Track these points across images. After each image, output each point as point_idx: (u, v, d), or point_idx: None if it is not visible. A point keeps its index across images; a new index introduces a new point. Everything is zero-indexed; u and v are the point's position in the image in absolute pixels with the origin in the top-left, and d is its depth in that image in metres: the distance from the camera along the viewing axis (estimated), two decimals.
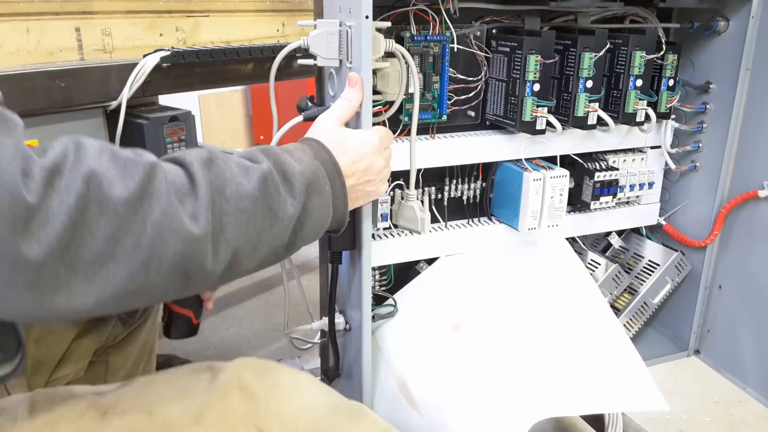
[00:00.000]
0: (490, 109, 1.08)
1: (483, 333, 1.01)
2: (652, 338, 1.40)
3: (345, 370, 1.07)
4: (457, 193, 1.12)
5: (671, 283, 1.28)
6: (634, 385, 0.99)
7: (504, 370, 0.97)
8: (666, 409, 0.97)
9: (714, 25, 1.15)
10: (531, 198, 1.06)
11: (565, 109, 1.07)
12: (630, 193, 1.21)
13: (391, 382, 0.99)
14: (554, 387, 0.95)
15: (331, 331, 1.01)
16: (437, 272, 1.10)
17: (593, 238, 1.38)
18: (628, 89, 1.07)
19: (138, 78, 1.18)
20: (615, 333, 1.05)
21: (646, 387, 0.97)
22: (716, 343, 1.32)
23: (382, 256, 1.06)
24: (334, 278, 0.97)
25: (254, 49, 1.36)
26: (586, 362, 1.00)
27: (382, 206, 0.99)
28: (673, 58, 1.12)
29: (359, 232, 0.91)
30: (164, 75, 1.22)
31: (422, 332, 1.03)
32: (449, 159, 1.06)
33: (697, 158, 1.25)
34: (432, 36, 0.99)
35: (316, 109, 0.90)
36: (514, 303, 1.06)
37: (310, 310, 1.09)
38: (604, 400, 0.96)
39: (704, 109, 1.21)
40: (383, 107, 0.95)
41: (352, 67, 0.84)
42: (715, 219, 1.23)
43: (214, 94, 4.13)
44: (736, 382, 1.28)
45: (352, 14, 0.82)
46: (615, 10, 1.11)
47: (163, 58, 1.20)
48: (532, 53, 0.98)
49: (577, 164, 1.16)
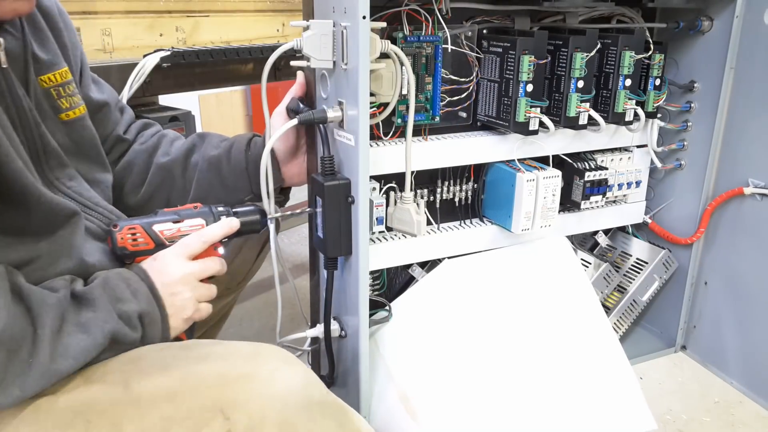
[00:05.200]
0: (482, 110, 1.08)
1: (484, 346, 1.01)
2: (639, 335, 1.41)
3: (340, 377, 1.05)
4: (449, 195, 1.12)
5: (659, 280, 1.30)
6: (625, 407, 1.02)
7: (503, 390, 0.98)
8: (654, 428, 1.00)
9: (698, 25, 1.16)
10: (524, 199, 1.06)
11: (557, 109, 1.07)
12: (618, 192, 1.22)
13: (390, 390, 0.98)
14: (550, 411, 0.97)
15: (327, 338, 1.00)
16: (439, 278, 1.09)
17: (580, 237, 1.39)
18: (617, 89, 1.08)
19: (138, 78, 1.16)
20: (611, 349, 1.07)
21: (637, 406, 1.01)
22: (702, 339, 1.34)
23: (376, 260, 1.04)
24: (329, 285, 0.96)
25: (254, 49, 1.35)
26: (581, 381, 1.02)
27: (377, 210, 0.98)
28: (660, 57, 1.13)
29: (355, 238, 0.89)
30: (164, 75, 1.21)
31: (425, 341, 1.02)
32: (442, 161, 1.05)
33: (682, 156, 1.26)
34: (425, 36, 0.98)
35: (310, 112, 0.89)
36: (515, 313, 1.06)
37: (305, 314, 1.07)
38: (596, 425, 0.99)
39: (689, 107, 1.22)
40: (377, 109, 0.94)
41: (347, 68, 0.83)
42: (700, 216, 1.25)
43: (214, 94, 4.09)
44: (722, 376, 1.30)
45: (348, 14, 0.80)
46: (603, 10, 1.11)
47: (163, 58, 1.19)
48: (526, 53, 0.98)
49: (567, 164, 1.16)
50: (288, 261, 0.98)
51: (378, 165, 0.98)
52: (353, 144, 0.85)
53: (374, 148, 0.98)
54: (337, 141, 0.90)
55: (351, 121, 0.85)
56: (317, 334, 1.00)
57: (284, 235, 2.23)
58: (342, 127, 0.88)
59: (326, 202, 0.88)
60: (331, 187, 0.87)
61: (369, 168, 0.86)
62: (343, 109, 0.86)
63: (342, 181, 0.87)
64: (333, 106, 0.88)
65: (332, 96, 0.89)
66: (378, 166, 0.98)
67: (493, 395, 0.97)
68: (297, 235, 2.51)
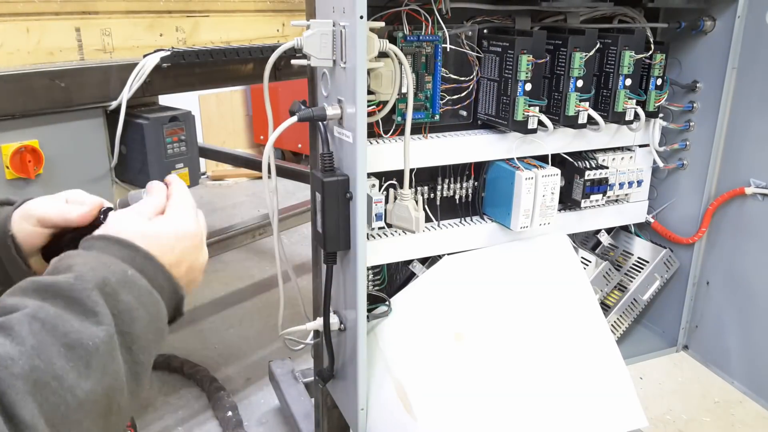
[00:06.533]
0: (482, 109, 1.09)
1: (482, 343, 1.03)
2: (641, 334, 1.42)
3: (339, 370, 1.07)
4: (449, 192, 1.13)
5: (660, 279, 1.30)
6: (617, 403, 1.03)
7: (499, 386, 0.99)
8: (645, 425, 1.01)
9: (701, 25, 1.17)
10: (523, 197, 1.07)
11: (556, 108, 1.09)
12: (619, 191, 1.23)
13: (389, 385, 1.00)
14: (545, 408, 0.98)
15: (326, 332, 1.02)
16: (439, 274, 1.10)
17: (583, 235, 1.39)
18: (617, 88, 1.09)
19: (138, 78, 1.18)
20: (605, 345, 1.08)
21: (629, 403, 1.02)
22: (704, 339, 1.34)
23: (376, 256, 1.06)
24: (328, 278, 0.98)
25: (254, 49, 1.36)
26: (575, 377, 1.03)
27: (376, 206, 1.00)
28: (661, 57, 1.14)
29: (354, 233, 0.91)
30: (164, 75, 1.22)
31: (424, 337, 1.03)
32: (442, 158, 1.07)
33: (684, 156, 1.27)
34: (424, 36, 0.99)
35: (310, 110, 0.91)
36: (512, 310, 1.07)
37: (306, 311, 1.10)
38: (590, 424, 1.00)
39: (691, 107, 1.23)
40: (377, 107, 0.97)
41: (346, 67, 0.85)
42: (702, 216, 1.25)
43: (214, 94, 4.14)
44: (723, 376, 1.30)
45: (346, 14, 0.83)
46: (604, 10, 1.12)
47: (163, 58, 1.20)
48: (524, 53, 1.00)
49: (568, 163, 1.17)
50: (288, 261, 1.00)
51: (378, 162, 1.00)
52: (351, 141, 0.87)
53: (374, 145, 1.00)
54: (336, 138, 0.92)
55: (349, 118, 0.87)
56: (317, 327, 1.03)
57: (284, 235, 2.26)
58: (341, 124, 0.90)
59: (325, 197, 0.90)
60: (329, 183, 0.89)
61: (367, 165, 0.88)
62: (342, 107, 0.88)
63: (341, 178, 0.89)
64: (333, 104, 0.91)
65: (332, 94, 0.91)
66: (378, 164, 1.00)
67: (489, 390, 0.99)
68: (297, 235, 2.54)
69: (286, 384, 1.84)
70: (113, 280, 0.53)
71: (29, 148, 1.23)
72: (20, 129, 1.22)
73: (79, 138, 1.31)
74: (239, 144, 4.42)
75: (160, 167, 1.37)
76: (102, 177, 1.39)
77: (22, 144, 1.22)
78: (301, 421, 1.68)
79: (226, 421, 1.83)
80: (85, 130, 1.27)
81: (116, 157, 1.38)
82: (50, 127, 1.22)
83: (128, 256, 0.57)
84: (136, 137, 1.30)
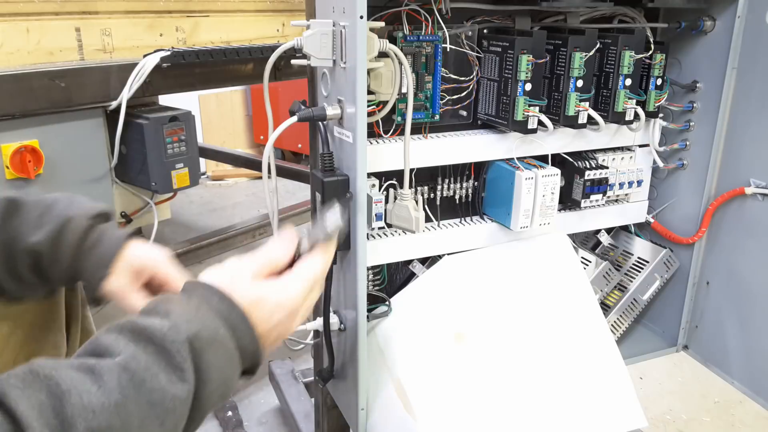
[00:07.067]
0: (482, 109, 1.10)
1: (482, 343, 1.03)
2: (641, 334, 1.42)
3: (339, 370, 1.07)
4: (449, 192, 1.13)
5: (660, 279, 1.30)
6: (617, 403, 1.03)
7: (498, 385, 0.99)
8: (644, 425, 1.01)
9: (701, 25, 1.17)
10: (523, 197, 1.07)
11: (556, 108, 1.09)
12: (619, 191, 1.23)
13: (389, 385, 1.00)
14: (544, 408, 0.98)
15: (326, 332, 1.02)
16: (439, 274, 1.10)
17: (583, 235, 1.39)
18: (617, 88, 1.09)
19: (138, 78, 1.18)
20: (604, 345, 1.08)
21: (628, 403, 1.02)
22: (704, 339, 1.34)
23: (376, 256, 1.06)
24: (328, 278, 0.98)
25: (254, 49, 1.36)
26: (574, 377, 1.03)
27: (376, 206, 1.00)
28: (661, 57, 1.14)
29: (354, 232, 0.91)
30: (164, 75, 1.22)
31: (424, 337, 1.03)
32: (442, 158, 1.07)
33: (684, 156, 1.27)
34: (424, 36, 1.00)
35: (310, 110, 0.91)
36: (512, 310, 1.08)
37: None
38: (590, 424, 1.00)
39: (691, 107, 1.23)
40: (377, 107, 0.97)
41: (346, 67, 0.85)
42: (702, 216, 1.25)
43: (214, 94, 4.14)
44: (723, 376, 1.30)
45: (346, 14, 0.83)
46: (604, 10, 1.12)
47: (163, 58, 1.20)
48: (524, 53, 1.00)
49: (568, 163, 1.17)
50: None
51: (378, 162, 1.00)
52: (351, 141, 0.87)
53: (374, 145, 1.00)
54: (336, 138, 0.92)
55: (349, 118, 0.87)
56: (317, 327, 1.03)
57: None
58: (341, 124, 0.90)
59: (325, 197, 0.90)
60: (329, 182, 0.89)
61: (367, 165, 0.88)
62: (342, 107, 0.88)
63: (341, 177, 0.90)
64: (333, 104, 0.91)
65: (332, 94, 0.91)
66: (378, 164, 1.00)
67: (489, 390, 0.99)
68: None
69: (286, 384, 1.84)
70: (204, 335, 0.54)
71: (29, 148, 1.23)
72: (20, 129, 1.23)
73: (79, 138, 1.32)
74: (239, 144, 4.42)
75: (160, 167, 1.37)
76: (102, 177, 1.39)
77: (22, 144, 1.22)
78: (301, 421, 1.68)
79: (226, 420, 1.83)
80: (85, 130, 1.27)
81: (116, 157, 1.39)
82: (50, 127, 1.22)
83: (225, 312, 0.58)
84: (136, 137, 1.29)
